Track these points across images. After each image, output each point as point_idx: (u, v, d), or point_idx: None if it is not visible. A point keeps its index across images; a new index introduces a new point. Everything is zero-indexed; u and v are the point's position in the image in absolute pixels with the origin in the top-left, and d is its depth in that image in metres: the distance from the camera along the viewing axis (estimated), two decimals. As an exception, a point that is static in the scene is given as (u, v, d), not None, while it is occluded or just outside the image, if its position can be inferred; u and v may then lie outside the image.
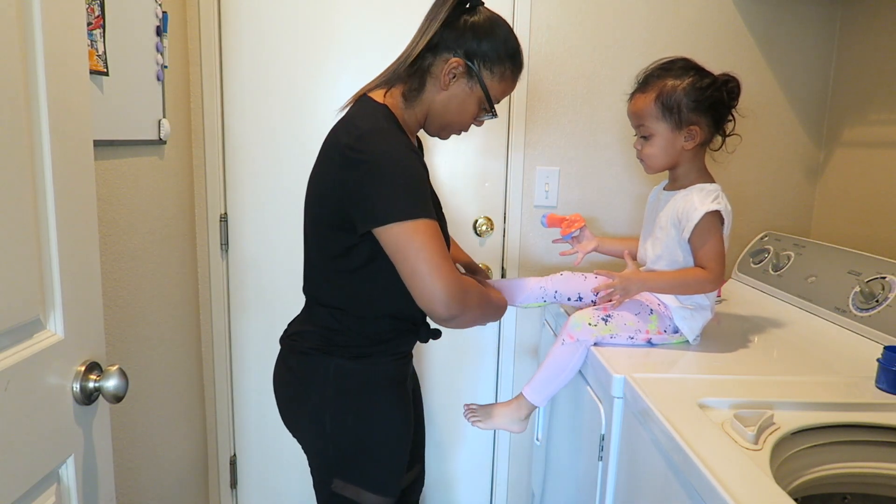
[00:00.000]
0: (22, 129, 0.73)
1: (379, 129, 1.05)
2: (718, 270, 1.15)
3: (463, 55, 1.10)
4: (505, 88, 1.16)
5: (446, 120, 1.16)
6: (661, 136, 1.18)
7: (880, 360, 1.03)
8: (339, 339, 1.14)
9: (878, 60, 1.67)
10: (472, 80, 1.12)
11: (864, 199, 1.70)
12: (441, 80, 1.11)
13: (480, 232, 1.90)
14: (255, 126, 1.85)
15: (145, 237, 1.53)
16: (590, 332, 1.20)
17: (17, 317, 0.73)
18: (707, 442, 0.83)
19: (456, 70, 1.10)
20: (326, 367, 1.14)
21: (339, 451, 1.16)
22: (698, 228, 1.14)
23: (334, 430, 1.15)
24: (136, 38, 1.43)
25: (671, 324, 1.22)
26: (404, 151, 1.03)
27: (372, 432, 1.16)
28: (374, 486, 1.17)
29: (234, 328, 1.96)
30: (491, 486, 2.08)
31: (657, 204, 1.28)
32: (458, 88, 1.12)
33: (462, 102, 1.14)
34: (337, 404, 1.15)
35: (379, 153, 1.01)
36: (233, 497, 2.06)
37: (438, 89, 1.12)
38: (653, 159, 1.21)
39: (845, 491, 0.96)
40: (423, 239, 0.99)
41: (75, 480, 0.84)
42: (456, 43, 1.10)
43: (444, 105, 1.14)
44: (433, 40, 1.10)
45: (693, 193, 1.17)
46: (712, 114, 1.17)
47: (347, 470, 1.16)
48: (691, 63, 1.19)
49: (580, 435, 1.27)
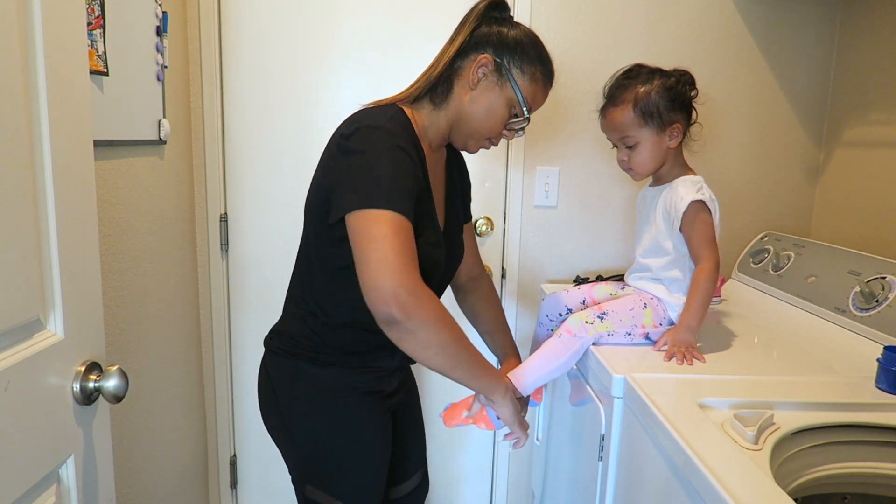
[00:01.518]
0: (22, 129, 0.73)
1: (376, 126, 1.00)
2: (714, 255, 1.17)
3: (492, 52, 1.07)
4: (535, 92, 1.10)
5: (473, 125, 1.10)
6: (647, 141, 1.20)
7: (880, 360, 1.03)
8: (304, 343, 1.12)
9: (878, 60, 1.67)
10: (501, 77, 1.07)
11: (864, 199, 1.70)
12: (469, 79, 1.07)
13: (480, 232, 1.90)
14: (255, 126, 1.85)
15: (145, 237, 1.53)
16: (587, 330, 1.20)
17: (17, 317, 0.73)
18: (707, 442, 0.83)
19: (486, 67, 1.07)
20: (290, 369, 1.13)
21: (306, 455, 1.14)
22: (687, 216, 1.17)
23: (300, 435, 1.13)
24: (136, 38, 1.43)
25: (666, 316, 1.23)
26: (394, 149, 0.99)
27: (337, 442, 1.13)
28: (345, 496, 1.13)
29: (234, 328, 1.96)
30: (491, 487, 2.08)
31: (645, 201, 1.32)
32: (487, 87, 1.08)
33: (491, 103, 1.09)
34: (302, 408, 1.13)
35: (367, 146, 0.98)
36: (233, 497, 2.06)
37: (467, 90, 1.08)
38: (643, 166, 1.23)
39: (845, 491, 0.96)
40: (384, 231, 0.91)
41: (75, 480, 0.84)
42: (485, 42, 1.07)
43: (471, 106, 1.09)
44: (462, 46, 1.08)
45: (679, 186, 1.20)
46: (685, 108, 1.21)
47: (316, 476, 1.14)
48: (650, 67, 1.23)
49: (580, 435, 1.27)
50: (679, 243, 1.21)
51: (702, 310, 1.17)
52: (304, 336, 1.12)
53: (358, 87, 1.83)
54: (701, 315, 1.17)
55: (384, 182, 0.95)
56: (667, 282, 1.24)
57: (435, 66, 1.10)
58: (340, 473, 1.13)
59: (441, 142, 1.16)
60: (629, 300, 1.25)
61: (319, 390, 1.12)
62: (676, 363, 1.13)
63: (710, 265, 1.17)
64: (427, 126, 1.12)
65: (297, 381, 1.13)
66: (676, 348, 1.15)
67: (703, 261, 1.17)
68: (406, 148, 1.00)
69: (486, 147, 1.16)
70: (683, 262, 1.22)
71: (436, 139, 1.14)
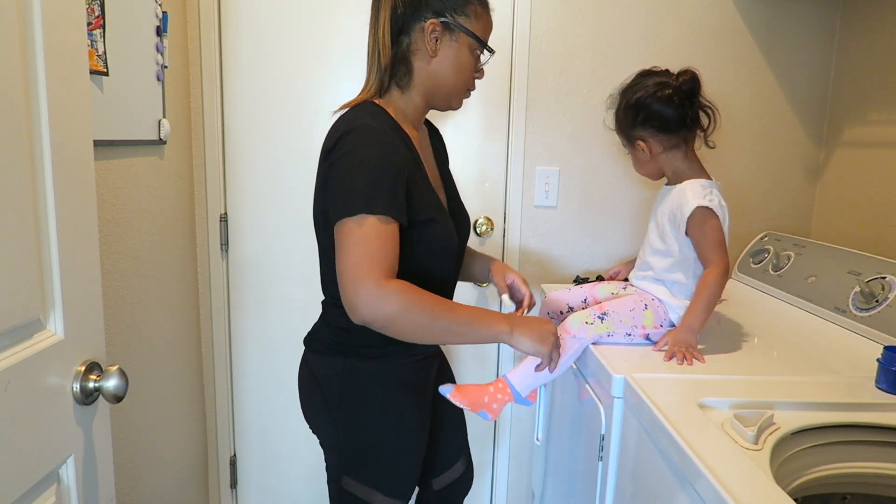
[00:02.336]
0: (22, 129, 0.73)
1: (355, 128, 1.03)
2: (723, 260, 1.17)
3: (433, 15, 1.10)
4: (485, 24, 1.14)
5: (449, 85, 1.14)
6: (631, 153, 1.28)
7: (880, 360, 1.03)
8: (351, 339, 1.14)
9: (878, 60, 1.67)
10: (454, 32, 1.11)
11: (864, 199, 1.70)
12: (426, 48, 1.11)
13: (480, 232, 1.90)
14: (255, 126, 1.85)
15: (145, 237, 1.53)
16: (586, 330, 1.20)
17: (17, 317, 0.73)
18: (707, 442, 0.83)
19: (436, 31, 1.10)
20: (339, 367, 1.15)
21: (349, 449, 1.18)
22: (693, 221, 1.16)
23: (347, 428, 1.16)
24: (136, 38, 1.43)
25: (667, 317, 1.23)
26: (378, 146, 1.02)
27: (382, 434, 1.16)
28: (382, 487, 1.17)
29: (234, 328, 1.96)
30: (491, 486, 2.08)
31: (658, 200, 1.31)
32: (447, 47, 1.11)
33: (456, 58, 1.12)
34: (348, 404, 1.16)
35: (349, 152, 1.01)
36: (233, 497, 2.06)
37: (428, 59, 1.12)
38: (640, 170, 1.29)
39: (845, 491, 0.96)
40: (353, 240, 0.97)
41: (75, 480, 0.84)
42: (420, 12, 1.10)
43: (440, 70, 1.13)
44: (396, 25, 1.10)
45: (686, 188, 1.20)
46: (654, 122, 1.21)
47: (356, 468, 1.18)
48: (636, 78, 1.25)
49: (580, 435, 1.27)
50: (683, 246, 1.20)
51: (705, 312, 1.17)
52: (348, 332, 1.14)
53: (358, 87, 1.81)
54: (704, 317, 1.17)
55: (363, 187, 0.99)
56: (669, 283, 1.24)
57: (380, 55, 1.12)
58: (380, 465, 1.18)
59: (421, 119, 1.20)
60: (630, 300, 1.24)
61: (367, 384, 1.16)
62: (676, 363, 1.13)
63: (718, 269, 1.16)
64: (403, 109, 1.15)
65: (345, 376, 1.15)
66: (677, 348, 1.15)
67: (712, 265, 1.17)
68: (396, 140, 1.05)
69: (468, 97, 1.20)
70: (687, 265, 1.21)
71: (416, 119, 1.18)
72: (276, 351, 1.96)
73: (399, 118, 1.13)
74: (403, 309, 0.97)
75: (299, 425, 1.99)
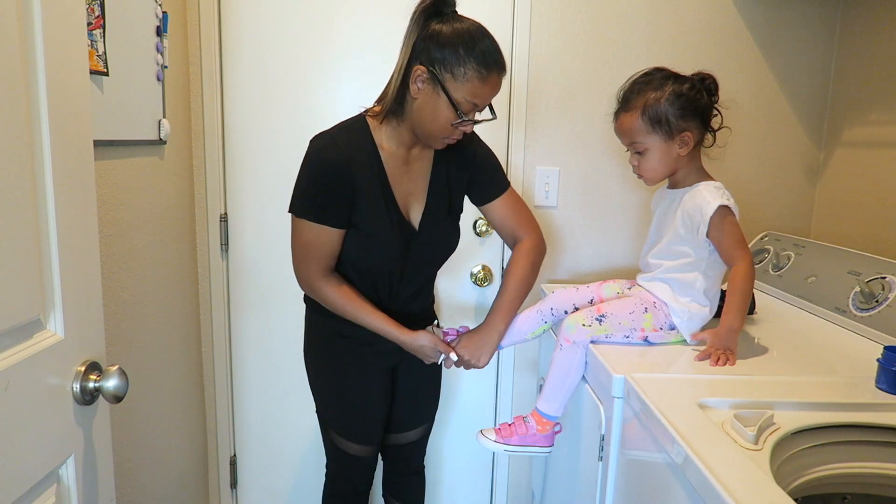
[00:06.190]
0: (22, 129, 0.73)
1: (318, 137, 1.20)
2: (747, 254, 1.18)
3: (426, 62, 1.12)
4: (474, 90, 1.13)
5: (426, 129, 1.18)
6: (656, 148, 1.20)
7: (880, 360, 1.03)
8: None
9: (878, 60, 1.67)
10: (436, 85, 1.13)
11: (864, 199, 1.70)
12: (412, 90, 1.15)
13: (480, 232, 1.90)
14: (255, 126, 1.85)
15: (145, 237, 1.53)
16: (585, 333, 1.20)
17: (17, 317, 0.73)
18: (707, 442, 0.83)
19: (421, 77, 1.13)
20: (308, 319, 1.40)
21: (316, 393, 1.42)
22: (714, 221, 1.15)
23: (313, 374, 1.41)
24: (136, 38, 1.43)
25: (667, 321, 1.23)
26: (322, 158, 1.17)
27: (330, 383, 1.38)
28: (334, 425, 1.40)
29: (234, 328, 1.96)
30: (491, 486, 2.08)
31: (662, 203, 1.30)
32: (427, 95, 1.15)
33: (433, 109, 1.15)
34: (309, 349, 1.41)
35: (305, 156, 1.20)
36: (233, 497, 2.06)
37: (413, 99, 1.16)
38: (652, 172, 1.24)
39: (845, 491, 0.96)
40: (295, 234, 1.23)
41: (75, 480, 0.84)
42: (420, 51, 1.13)
43: (419, 113, 1.17)
44: (411, 53, 1.14)
45: (701, 190, 1.18)
46: (699, 115, 1.19)
47: (324, 413, 1.42)
48: (668, 71, 1.21)
49: (580, 435, 1.27)
50: (698, 248, 1.20)
51: (743, 311, 1.17)
52: None
53: (358, 87, 1.83)
54: (742, 316, 1.17)
55: (300, 193, 1.20)
56: (673, 283, 1.23)
57: (394, 76, 1.18)
58: (335, 412, 1.41)
59: (411, 142, 1.26)
60: (630, 303, 1.24)
61: (322, 336, 1.38)
62: (710, 364, 1.12)
63: (745, 265, 1.17)
64: (391, 135, 1.23)
65: (311, 329, 1.40)
66: (715, 349, 1.14)
67: (738, 261, 1.17)
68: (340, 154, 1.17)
69: (451, 143, 1.23)
70: (703, 266, 1.21)
71: (407, 142, 1.25)
72: (276, 351, 1.96)
73: (382, 136, 1.23)
74: (328, 304, 1.26)
75: (299, 425, 2.00)
